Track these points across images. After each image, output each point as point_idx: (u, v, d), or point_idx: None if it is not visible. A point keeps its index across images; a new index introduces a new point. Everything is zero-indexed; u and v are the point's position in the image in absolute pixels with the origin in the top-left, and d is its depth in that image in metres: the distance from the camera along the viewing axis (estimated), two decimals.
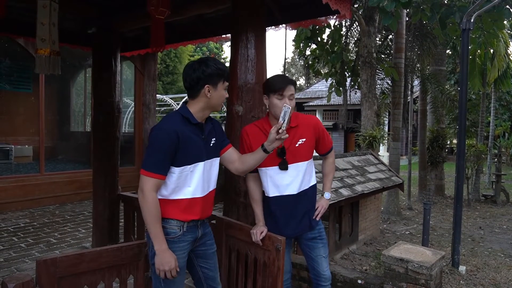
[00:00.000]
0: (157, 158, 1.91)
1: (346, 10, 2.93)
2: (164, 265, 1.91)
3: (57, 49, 3.26)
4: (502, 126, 20.68)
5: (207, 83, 1.98)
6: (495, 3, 4.35)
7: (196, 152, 2.01)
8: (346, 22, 9.50)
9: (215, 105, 2.06)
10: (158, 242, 1.91)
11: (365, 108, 7.76)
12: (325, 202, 2.53)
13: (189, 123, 1.99)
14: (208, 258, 2.20)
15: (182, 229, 2.01)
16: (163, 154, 1.90)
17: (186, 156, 1.96)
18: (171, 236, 1.99)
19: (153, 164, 1.90)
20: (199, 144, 2.02)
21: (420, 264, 2.80)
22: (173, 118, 1.99)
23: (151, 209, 1.90)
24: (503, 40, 9.76)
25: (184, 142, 1.94)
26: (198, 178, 2.02)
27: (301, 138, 2.36)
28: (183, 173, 1.98)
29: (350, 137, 20.81)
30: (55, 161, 8.35)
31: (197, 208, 2.04)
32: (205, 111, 2.05)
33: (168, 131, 1.91)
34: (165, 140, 1.90)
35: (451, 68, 16.23)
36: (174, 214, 1.99)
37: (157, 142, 1.91)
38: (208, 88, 1.99)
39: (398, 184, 5.76)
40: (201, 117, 2.05)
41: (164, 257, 1.91)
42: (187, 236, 2.04)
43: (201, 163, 2.03)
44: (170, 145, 1.90)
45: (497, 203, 9.16)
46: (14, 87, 7.70)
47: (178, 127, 1.94)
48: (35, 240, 4.99)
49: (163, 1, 3.23)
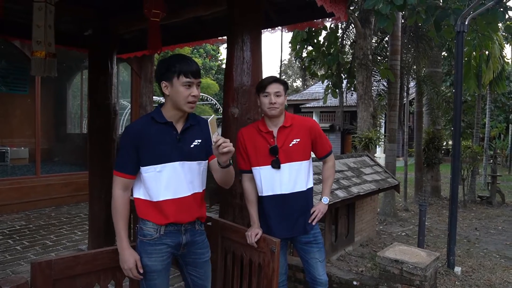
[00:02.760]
0: (122, 158, 1.97)
1: (341, 13, 2.95)
2: (123, 264, 1.95)
3: (53, 51, 3.25)
4: (497, 127, 20.81)
5: (162, 79, 1.97)
6: (488, 6, 4.39)
7: (164, 152, 1.95)
8: (342, 24, 9.54)
9: (176, 102, 1.94)
10: (119, 239, 1.96)
11: (361, 110, 7.79)
12: (323, 207, 2.52)
13: (155, 123, 1.97)
14: (198, 267, 2.14)
15: (159, 232, 1.98)
16: (126, 153, 1.95)
17: (151, 155, 1.94)
18: (147, 237, 1.98)
19: (119, 164, 1.98)
20: (168, 143, 1.96)
21: (415, 265, 2.82)
22: (140, 119, 2.05)
23: (115, 207, 1.98)
24: (498, 42, 9.83)
25: (147, 141, 1.93)
26: (167, 179, 1.96)
27: (295, 138, 2.38)
28: (149, 173, 1.95)
29: (347, 139, 20.86)
30: (51, 163, 8.34)
31: (169, 211, 1.97)
32: (174, 110, 1.98)
33: (128, 131, 1.97)
34: (126, 140, 1.96)
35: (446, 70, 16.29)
36: (149, 216, 1.98)
37: (122, 143, 1.97)
38: (164, 84, 1.96)
39: (394, 185, 5.78)
40: (171, 116, 1.98)
41: (123, 255, 1.95)
42: (166, 240, 2.00)
43: (171, 164, 1.96)
44: (130, 144, 1.94)
45: (492, 204, 9.21)
46: (10, 89, 7.69)
47: (140, 127, 1.96)
48: (30, 243, 4.97)
49: (158, 4, 3.24)
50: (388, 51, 8.66)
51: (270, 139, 2.38)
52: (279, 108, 2.35)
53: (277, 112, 2.35)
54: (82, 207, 6.96)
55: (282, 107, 2.38)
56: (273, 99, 2.33)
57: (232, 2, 3.05)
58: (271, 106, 2.33)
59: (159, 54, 5.05)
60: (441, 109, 9.82)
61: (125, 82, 10.03)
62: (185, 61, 1.94)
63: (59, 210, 6.83)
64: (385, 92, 9.31)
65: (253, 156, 2.41)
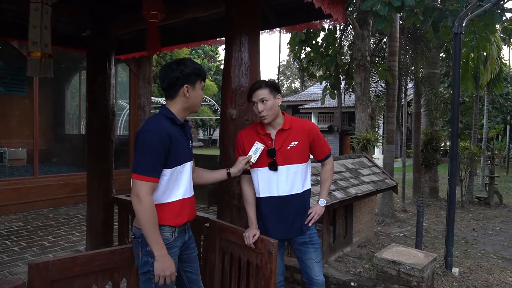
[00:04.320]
0: (150, 161, 1.86)
1: (339, 14, 2.95)
2: (165, 271, 1.87)
3: (49, 52, 3.24)
4: (495, 128, 20.85)
5: (186, 82, 1.98)
6: (486, 7, 4.41)
7: (184, 152, 2.03)
8: (341, 26, 9.57)
9: (194, 105, 2.05)
10: (158, 247, 1.87)
11: (359, 111, 7.80)
12: (319, 209, 2.52)
13: (174, 124, 1.99)
14: (192, 262, 2.19)
15: (174, 234, 2.00)
16: (156, 156, 1.86)
17: (177, 156, 1.97)
18: (164, 243, 1.95)
19: (147, 167, 1.85)
20: (185, 144, 2.04)
21: (412, 266, 2.83)
22: (159, 120, 1.96)
23: (149, 214, 1.85)
24: (496, 43, 9.87)
25: (175, 143, 1.94)
26: (186, 179, 2.05)
27: (293, 141, 2.38)
28: (173, 175, 1.97)
29: (345, 140, 20.87)
30: (49, 164, 8.32)
31: (186, 210, 2.05)
32: (185, 112, 2.05)
33: (159, 132, 1.88)
34: (157, 141, 1.87)
35: (444, 71, 16.35)
36: (167, 220, 1.96)
37: (148, 145, 1.86)
38: (187, 87, 1.99)
39: (392, 186, 5.79)
40: (182, 117, 2.05)
41: (166, 261, 1.88)
42: (178, 242, 2.03)
43: (188, 163, 2.07)
44: (163, 146, 1.88)
45: (490, 205, 9.23)
46: (8, 89, 7.68)
47: (167, 128, 1.93)
48: (28, 244, 4.96)
49: (157, 5, 3.25)
50: (386, 52, 8.68)
51: (268, 141, 2.39)
52: (269, 114, 2.32)
53: (269, 119, 2.34)
54: (80, 208, 6.95)
55: (273, 111, 2.33)
56: (259, 107, 2.31)
57: (230, 4, 3.06)
58: (260, 115, 2.34)
59: (158, 55, 5.05)
60: (439, 110, 9.84)
61: (123, 83, 10.03)
62: (201, 66, 2.09)
63: (57, 211, 6.82)
64: (383, 93, 9.33)
65: None
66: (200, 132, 33.22)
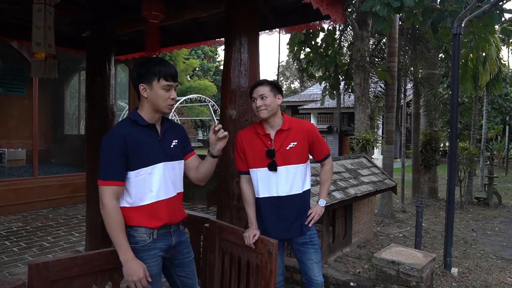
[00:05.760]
0: (110, 165, 1.89)
1: (337, 15, 2.96)
2: (132, 275, 1.84)
3: (53, 52, 3.25)
4: (494, 129, 20.86)
5: (141, 82, 1.97)
6: (485, 8, 4.42)
7: (151, 153, 1.97)
8: (340, 26, 9.57)
9: (156, 104, 1.97)
10: (123, 251, 1.86)
11: (359, 111, 7.81)
12: (319, 209, 2.53)
13: (138, 125, 1.97)
14: (186, 267, 2.17)
15: (152, 236, 1.97)
16: (112, 160, 1.88)
17: (140, 158, 1.94)
18: (140, 244, 1.95)
19: (107, 172, 1.88)
20: (153, 145, 1.99)
21: (411, 266, 2.83)
22: (120, 124, 1.99)
23: (112, 218, 1.85)
24: (495, 44, 9.88)
25: (134, 145, 1.92)
26: (159, 180, 1.98)
27: (292, 141, 2.39)
28: (140, 177, 1.94)
29: (345, 140, 20.91)
30: (49, 165, 8.31)
31: (163, 212, 1.99)
32: (153, 112, 2.00)
33: (114, 136, 1.91)
34: (111, 146, 1.89)
35: (444, 71, 16.35)
36: (141, 221, 1.95)
37: (106, 150, 1.90)
38: (143, 87, 1.97)
39: (391, 187, 5.80)
40: (151, 118, 2.01)
41: (131, 266, 1.85)
42: (159, 244, 2.00)
43: (159, 165, 1.99)
44: (119, 149, 1.88)
45: (489, 206, 9.25)
46: (8, 89, 7.66)
47: (124, 131, 1.92)
48: (28, 244, 4.96)
49: (157, 6, 3.25)
50: (385, 53, 8.69)
51: (267, 142, 2.39)
52: (267, 109, 2.34)
53: (266, 114, 2.35)
54: (80, 209, 6.94)
55: (271, 108, 2.35)
56: (258, 103, 2.33)
57: (230, 4, 3.07)
58: (258, 109, 2.35)
59: (157, 56, 5.05)
60: (438, 111, 9.86)
61: (122, 83, 10.03)
62: (164, 64, 1.98)
63: (57, 212, 6.82)
64: (382, 94, 9.34)
65: (250, 158, 2.42)
66: (199, 133, 33.23)
